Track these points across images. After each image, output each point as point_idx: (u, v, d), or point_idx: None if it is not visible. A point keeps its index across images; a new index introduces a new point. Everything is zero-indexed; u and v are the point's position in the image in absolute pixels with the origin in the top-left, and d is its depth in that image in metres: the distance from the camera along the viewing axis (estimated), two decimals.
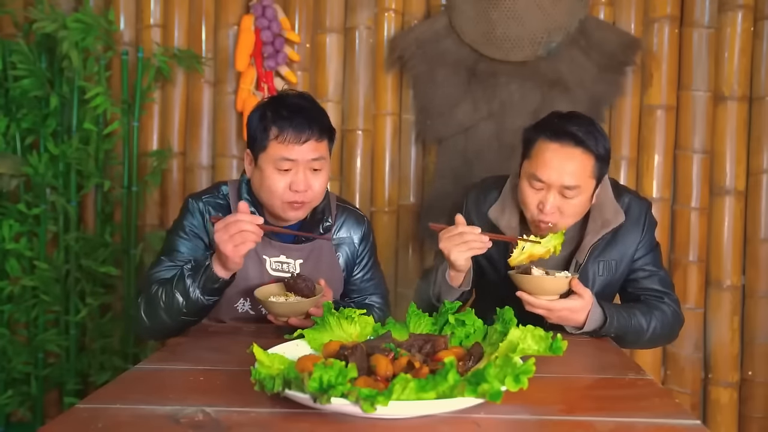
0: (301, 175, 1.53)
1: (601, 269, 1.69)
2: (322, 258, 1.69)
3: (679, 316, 1.69)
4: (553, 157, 1.56)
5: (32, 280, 2.51)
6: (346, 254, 1.73)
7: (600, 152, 1.57)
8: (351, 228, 1.74)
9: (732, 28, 2.57)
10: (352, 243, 1.74)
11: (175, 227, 1.64)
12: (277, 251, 1.64)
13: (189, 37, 2.69)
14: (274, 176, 1.54)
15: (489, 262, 1.76)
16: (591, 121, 1.61)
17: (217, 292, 1.47)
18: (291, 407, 1.01)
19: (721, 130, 2.60)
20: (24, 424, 2.68)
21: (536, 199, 1.60)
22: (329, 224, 1.68)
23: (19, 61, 2.49)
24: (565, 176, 1.55)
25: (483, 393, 0.94)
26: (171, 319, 1.49)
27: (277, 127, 1.52)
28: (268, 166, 1.54)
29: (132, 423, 0.97)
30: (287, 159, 1.52)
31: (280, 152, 1.52)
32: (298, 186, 1.53)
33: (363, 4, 2.65)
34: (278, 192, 1.54)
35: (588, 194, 1.61)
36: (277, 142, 1.52)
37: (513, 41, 2.50)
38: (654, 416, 1.02)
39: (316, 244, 1.67)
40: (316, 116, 1.56)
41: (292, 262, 1.65)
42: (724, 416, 2.61)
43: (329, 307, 1.33)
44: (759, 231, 2.58)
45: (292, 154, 1.52)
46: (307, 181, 1.54)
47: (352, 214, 1.77)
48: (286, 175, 1.54)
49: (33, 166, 2.49)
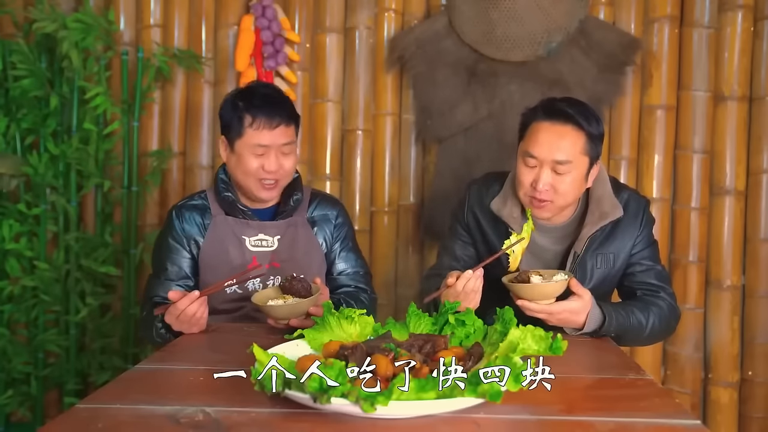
0: (273, 157, 1.70)
1: (599, 262, 1.70)
2: (298, 231, 1.81)
3: (675, 310, 1.70)
4: (546, 134, 1.61)
5: (32, 280, 2.51)
6: (324, 231, 1.86)
7: (591, 130, 1.61)
8: (326, 208, 1.88)
9: (732, 28, 2.57)
10: (329, 220, 1.87)
11: (158, 245, 1.82)
12: (255, 230, 1.77)
13: (189, 37, 2.69)
14: (250, 159, 1.70)
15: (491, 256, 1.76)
16: (584, 103, 1.67)
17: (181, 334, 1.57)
18: (291, 407, 1.01)
19: (721, 130, 2.60)
20: (24, 424, 2.68)
21: (530, 177, 1.63)
22: (298, 197, 1.81)
23: (19, 61, 2.49)
24: (556, 151, 1.59)
25: (483, 393, 0.94)
26: (158, 339, 1.63)
27: (251, 115, 1.69)
28: (244, 151, 1.70)
29: (132, 423, 0.97)
30: (261, 145, 1.69)
31: (255, 138, 1.68)
32: (270, 167, 1.70)
33: (363, 4, 2.65)
34: (252, 172, 1.70)
35: (581, 172, 1.63)
36: (252, 129, 1.68)
37: (513, 41, 2.50)
38: (654, 416, 1.02)
39: (291, 221, 1.81)
40: (283, 104, 1.73)
41: (270, 239, 1.77)
42: (724, 416, 2.61)
43: (329, 307, 1.33)
44: (759, 231, 2.58)
45: (265, 139, 1.68)
46: (277, 162, 1.71)
47: (326, 197, 1.94)
48: (260, 158, 1.70)
49: (33, 166, 2.49)
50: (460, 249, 1.83)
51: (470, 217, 1.82)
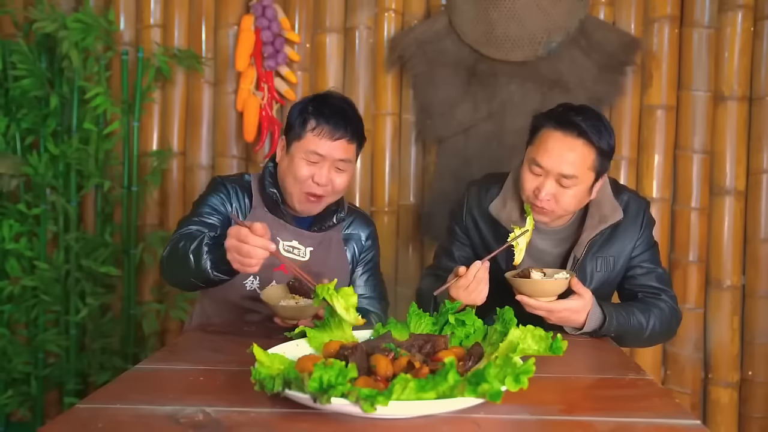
0: (325, 170, 1.64)
1: (599, 265, 1.70)
2: (331, 248, 1.77)
3: (677, 312, 1.70)
4: (555, 145, 1.58)
5: (32, 280, 2.51)
6: (353, 249, 1.82)
7: (602, 147, 1.58)
8: (360, 227, 1.84)
9: (732, 28, 2.57)
10: (360, 240, 1.83)
11: (200, 198, 1.73)
12: (291, 235, 1.72)
13: (189, 37, 2.69)
14: (302, 165, 1.64)
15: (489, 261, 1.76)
16: (599, 116, 1.62)
17: (226, 273, 1.47)
18: (291, 407, 1.01)
19: (721, 130, 2.60)
20: (24, 424, 2.68)
21: (534, 184, 1.62)
22: (342, 215, 1.78)
23: (19, 61, 2.49)
24: (563, 165, 1.57)
25: (483, 393, 0.94)
26: (182, 275, 1.52)
27: (315, 120, 1.63)
28: (299, 154, 1.64)
29: (132, 423, 0.97)
30: (317, 153, 1.63)
31: (312, 145, 1.63)
32: (320, 179, 1.63)
33: (363, 4, 2.65)
34: (301, 180, 1.64)
35: (585, 186, 1.61)
36: (312, 134, 1.63)
37: (513, 41, 2.50)
38: (654, 416, 1.02)
39: (326, 235, 1.76)
40: (352, 121, 1.67)
41: (302, 249, 1.73)
42: (724, 416, 2.61)
43: (331, 309, 1.33)
44: (759, 231, 2.58)
45: (323, 149, 1.62)
46: (329, 176, 1.64)
47: (361, 215, 1.89)
48: (312, 166, 1.64)
49: (33, 166, 2.49)
50: (458, 250, 1.83)
51: (468, 219, 1.81)
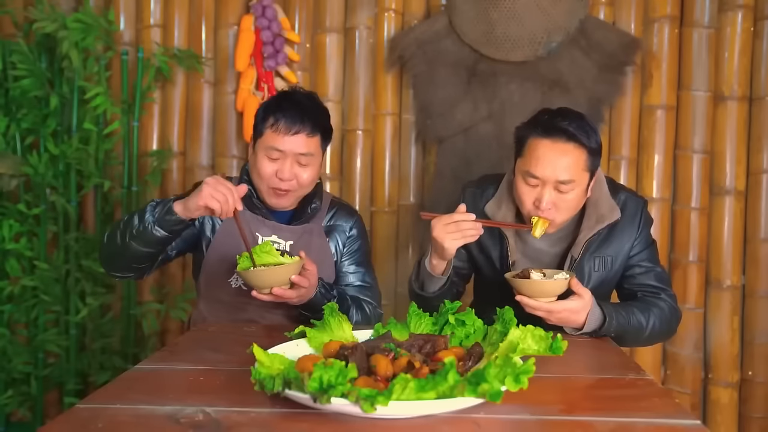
0: (287, 165, 1.64)
1: (596, 265, 1.69)
2: (312, 240, 1.76)
3: (676, 311, 1.69)
4: (547, 154, 1.57)
5: (32, 280, 2.51)
6: (336, 241, 1.81)
7: (592, 145, 1.59)
8: (343, 218, 1.83)
9: (732, 28, 2.57)
10: (344, 231, 1.82)
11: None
12: (269, 230, 1.73)
13: (189, 37, 2.69)
14: (264, 162, 1.65)
15: (486, 258, 1.76)
16: (580, 115, 1.62)
17: (168, 226, 1.48)
18: (291, 407, 1.01)
19: (721, 130, 2.60)
20: (24, 424, 2.68)
21: (532, 196, 1.61)
22: (316, 206, 1.76)
23: (19, 61, 2.49)
24: (559, 171, 1.56)
25: (483, 393, 0.94)
26: (121, 238, 1.53)
27: (273, 116, 1.63)
28: (261, 152, 1.66)
29: (132, 423, 0.97)
30: (276, 149, 1.63)
31: (271, 141, 1.63)
32: (282, 174, 1.64)
33: (363, 4, 2.65)
34: (265, 177, 1.65)
35: (583, 188, 1.62)
36: (270, 131, 1.63)
37: (513, 41, 2.50)
38: (654, 416, 1.02)
39: (306, 228, 1.76)
40: (311, 113, 1.66)
41: (282, 243, 1.73)
42: (724, 416, 2.61)
43: (332, 309, 1.33)
44: (759, 231, 2.58)
45: (282, 144, 1.62)
46: (292, 171, 1.64)
47: (344, 206, 1.88)
48: (274, 162, 1.65)
49: (33, 166, 2.49)
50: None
51: None
